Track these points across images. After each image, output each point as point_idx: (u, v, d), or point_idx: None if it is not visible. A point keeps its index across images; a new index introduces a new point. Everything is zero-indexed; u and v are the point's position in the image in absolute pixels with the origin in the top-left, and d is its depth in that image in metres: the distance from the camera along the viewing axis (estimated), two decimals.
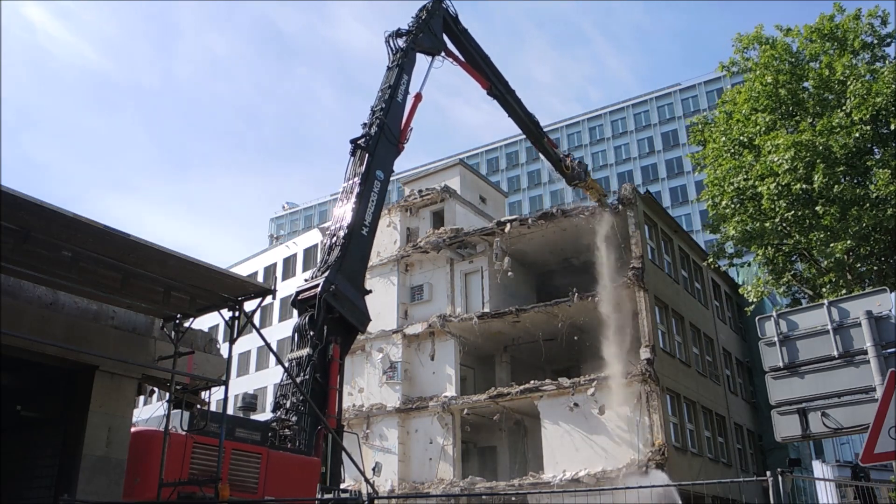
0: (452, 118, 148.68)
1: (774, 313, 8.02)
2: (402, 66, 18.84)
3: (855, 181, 16.77)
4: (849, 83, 16.83)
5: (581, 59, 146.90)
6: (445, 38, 20.97)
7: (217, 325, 27.94)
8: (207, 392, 11.09)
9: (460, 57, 21.59)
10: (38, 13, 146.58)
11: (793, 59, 18.15)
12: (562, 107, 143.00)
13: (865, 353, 7.06)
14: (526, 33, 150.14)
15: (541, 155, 26.83)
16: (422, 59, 20.06)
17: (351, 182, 17.14)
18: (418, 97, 19.56)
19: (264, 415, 21.33)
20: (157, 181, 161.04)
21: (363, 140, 17.49)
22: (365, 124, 17.98)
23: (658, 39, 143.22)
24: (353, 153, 17.58)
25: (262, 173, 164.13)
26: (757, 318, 8.30)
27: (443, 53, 20.77)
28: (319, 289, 15.12)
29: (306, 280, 16.36)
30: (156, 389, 10.81)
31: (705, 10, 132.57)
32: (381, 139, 17.57)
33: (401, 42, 19.32)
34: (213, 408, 11.26)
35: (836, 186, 16.03)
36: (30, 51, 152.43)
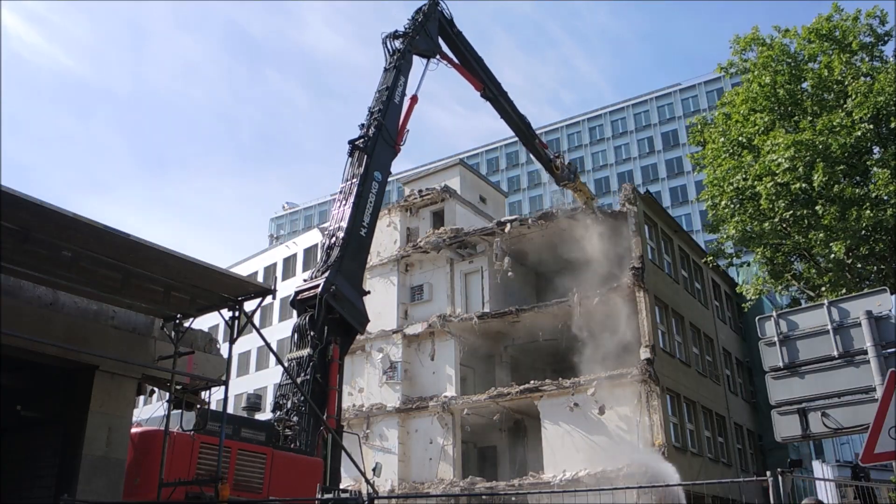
0: (427, 122, 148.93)
1: (774, 313, 8.02)
2: (399, 67, 18.88)
3: (855, 181, 16.76)
4: (848, 82, 16.82)
5: (550, 62, 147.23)
6: (441, 40, 21.05)
7: (217, 325, 27.94)
8: (207, 392, 11.10)
9: (455, 59, 21.69)
10: (9, 18, 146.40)
11: (791, 60, 18.15)
12: (534, 110, 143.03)
13: (865, 353, 7.06)
14: (494, 36, 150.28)
15: (531, 156, 26.99)
16: (418, 62, 20.16)
17: (349, 183, 17.18)
18: (414, 99, 19.64)
19: (266, 415, 21.32)
20: (135, 184, 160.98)
21: (361, 141, 17.53)
22: (362, 125, 18.03)
23: (626, 42, 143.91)
24: (350, 154, 17.62)
25: (240, 175, 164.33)
26: (757, 318, 8.29)
27: (438, 56, 20.85)
28: (320, 289, 15.15)
29: (305, 280, 16.38)
30: (156, 389, 10.81)
31: (671, 12, 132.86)
32: (380, 140, 17.64)
33: (398, 44, 19.38)
34: (213, 408, 11.27)
35: (835, 186, 16.03)
36: (2, 55, 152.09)
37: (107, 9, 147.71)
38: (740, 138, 18.31)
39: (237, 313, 9.57)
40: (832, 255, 15.97)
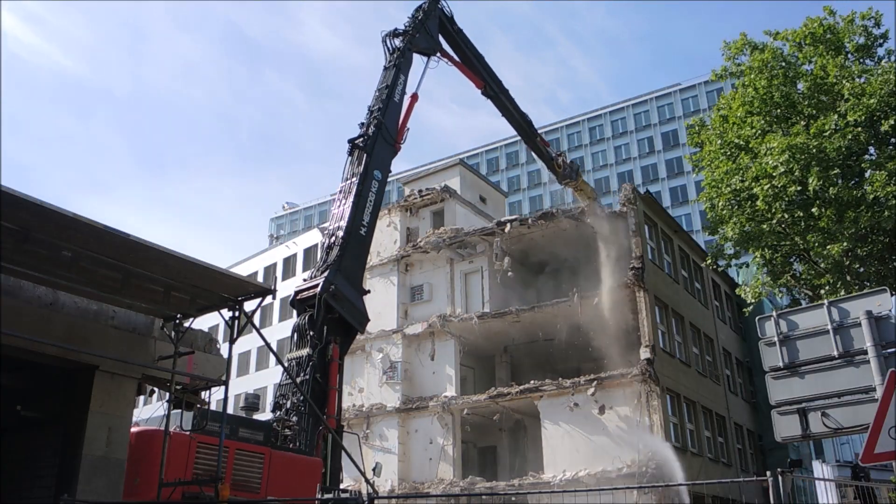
0: (425, 122, 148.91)
1: (774, 313, 8.01)
2: (398, 66, 18.85)
3: (852, 182, 16.75)
4: (841, 85, 16.80)
5: (548, 62, 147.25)
6: (441, 38, 21.03)
7: (217, 325, 27.95)
8: (207, 392, 11.10)
9: (455, 57, 21.68)
10: (7, 18, 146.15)
11: (785, 63, 18.15)
12: (532, 109, 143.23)
13: (865, 353, 7.06)
14: (491, 36, 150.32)
15: (533, 154, 26.96)
16: (418, 60, 20.16)
17: (349, 182, 17.16)
18: (414, 97, 19.63)
19: (265, 415, 21.31)
20: (135, 184, 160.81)
21: (361, 140, 17.51)
22: (362, 124, 18.02)
23: (623, 42, 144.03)
24: (350, 153, 17.61)
25: (240, 176, 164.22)
26: (757, 318, 8.29)
27: (438, 54, 20.83)
28: (319, 289, 15.13)
29: (305, 280, 16.37)
30: (156, 389, 10.81)
31: (668, 12, 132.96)
32: (379, 139, 17.61)
33: (397, 42, 19.36)
34: (213, 408, 11.27)
35: (831, 188, 16.03)
36: (1, 55, 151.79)
37: (105, 9, 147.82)
38: (737, 140, 18.31)
39: (237, 313, 9.57)
40: (830, 257, 15.97)
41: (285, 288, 43.31)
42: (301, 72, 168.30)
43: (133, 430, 10.12)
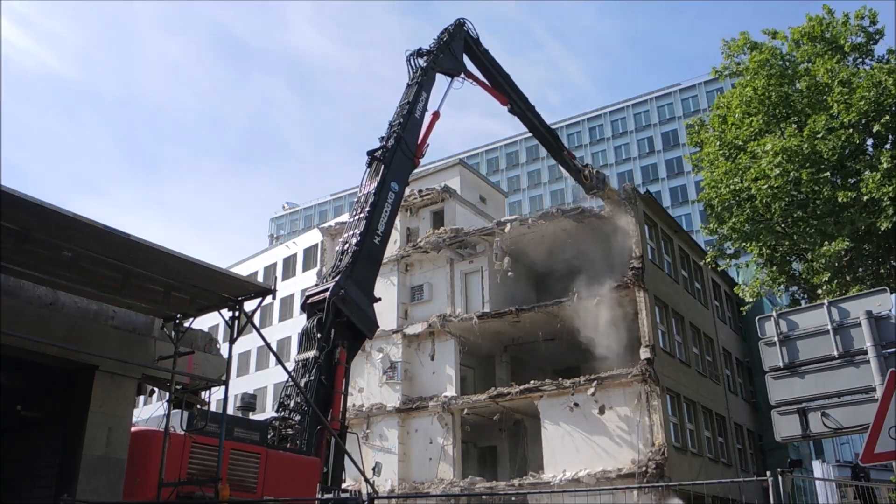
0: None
1: (774, 313, 8.01)
2: (421, 84, 19.15)
3: (850, 183, 16.74)
4: (835, 86, 16.80)
5: (536, 63, 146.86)
6: (466, 58, 21.27)
7: (217, 325, 27.93)
8: (207, 392, 11.10)
9: (480, 77, 21.86)
10: None
11: (783, 63, 18.13)
12: None
13: (865, 353, 7.05)
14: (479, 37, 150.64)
15: (560, 167, 27.02)
16: (442, 79, 20.36)
17: (366, 192, 17.35)
18: (436, 115, 19.87)
19: (264, 415, 21.32)
20: (129, 186, 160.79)
21: (380, 152, 17.74)
22: (382, 137, 18.34)
23: (612, 44, 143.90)
24: (369, 164, 17.91)
25: (238, 176, 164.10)
26: (757, 318, 8.29)
27: (462, 74, 21.01)
28: (329, 292, 15.22)
29: (316, 284, 16.47)
30: (156, 389, 10.81)
31: (656, 13, 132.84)
32: (398, 152, 17.86)
33: (421, 61, 19.65)
34: (213, 408, 11.26)
35: (824, 189, 16.02)
36: None
37: (93, 10, 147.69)
38: (736, 141, 18.30)
39: (237, 313, 9.57)
40: (825, 257, 15.95)
41: (285, 288, 43.32)
42: (289, 73, 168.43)
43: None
